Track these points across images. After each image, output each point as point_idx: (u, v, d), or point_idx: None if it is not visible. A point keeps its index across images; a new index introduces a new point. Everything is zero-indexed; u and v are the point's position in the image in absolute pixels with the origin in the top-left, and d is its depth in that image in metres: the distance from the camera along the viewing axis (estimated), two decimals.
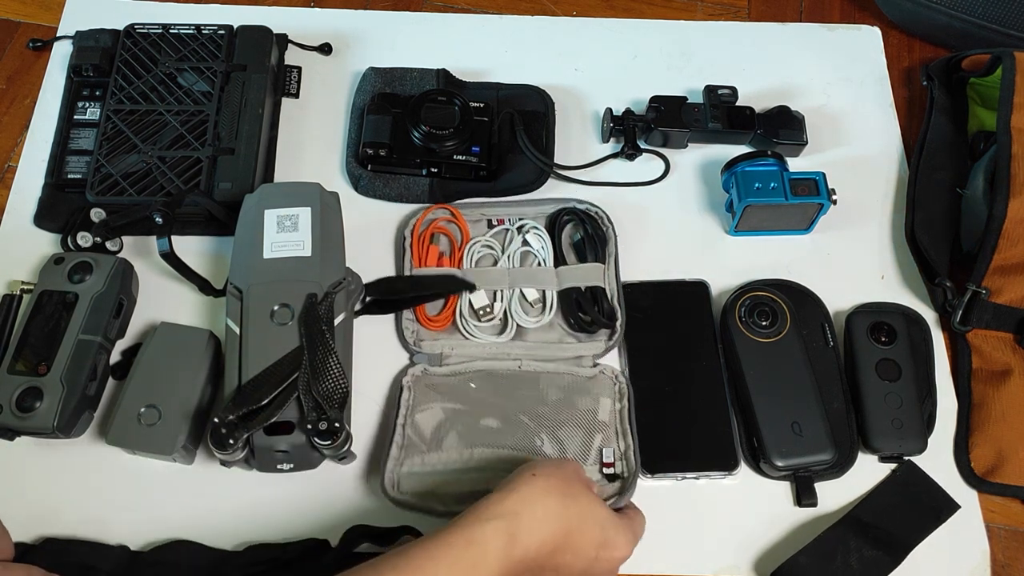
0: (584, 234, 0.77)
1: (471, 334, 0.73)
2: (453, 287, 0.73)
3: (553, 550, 0.55)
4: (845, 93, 0.88)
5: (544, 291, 0.75)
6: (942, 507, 0.67)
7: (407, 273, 0.75)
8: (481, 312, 0.74)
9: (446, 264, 0.76)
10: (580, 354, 0.72)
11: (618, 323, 0.73)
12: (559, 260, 0.76)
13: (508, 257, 0.76)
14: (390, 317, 0.74)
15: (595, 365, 0.72)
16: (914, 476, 0.69)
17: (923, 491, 0.68)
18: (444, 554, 0.51)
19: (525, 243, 0.77)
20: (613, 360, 0.73)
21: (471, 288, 0.73)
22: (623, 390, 0.70)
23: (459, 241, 0.77)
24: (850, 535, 0.65)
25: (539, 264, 0.76)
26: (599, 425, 0.68)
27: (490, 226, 0.78)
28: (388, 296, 0.73)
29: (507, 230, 0.78)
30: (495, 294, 0.75)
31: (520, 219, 0.78)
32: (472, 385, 0.70)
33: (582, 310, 0.73)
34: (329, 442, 0.61)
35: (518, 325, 0.73)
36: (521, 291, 0.75)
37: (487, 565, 0.52)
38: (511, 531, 0.53)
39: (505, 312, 0.74)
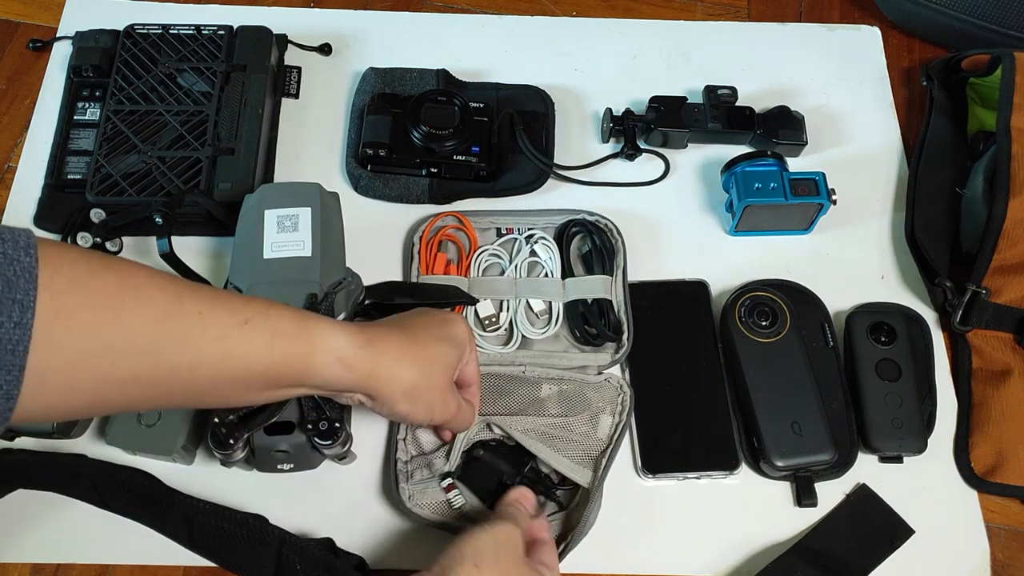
0: (592, 246, 0.76)
1: (476, 344, 0.72)
2: (456, 299, 0.73)
3: None
4: (845, 93, 0.88)
5: (550, 302, 0.74)
6: (896, 532, 0.66)
7: (414, 279, 0.75)
8: (486, 322, 0.74)
9: (453, 272, 0.75)
10: (586, 364, 0.72)
11: (624, 336, 0.72)
12: (566, 271, 0.76)
13: (515, 267, 0.76)
14: None
15: (600, 373, 0.71)
16: (868, 500, 0.68)
17: (877, 516, 0.67)
18: None
19: (533, 253, 0.76)
20: (616, 367, 0.73)
21: (473, 302, 0.73)
22: (625, 402, 0.70)
23: (467, 249, 0.77)
24: (798, 565, 0.64)
25: (546, 275, 0.76)
26: (596, 443, 0.68)
27: (499, 235, 0.78)
28: (388, 302, 0.72)
29: (515, 239, 0.77)
30: (501, 304, 0.74)
31: (529, 229, 0.77)
32: None
33: (588, 323, 0.73)
34: (329, 442, 0.61)
35: (523, 336, 0.73)
36: (527, 302, 0.74)
37: None
38: None
39: (511, 322, 0.73)
